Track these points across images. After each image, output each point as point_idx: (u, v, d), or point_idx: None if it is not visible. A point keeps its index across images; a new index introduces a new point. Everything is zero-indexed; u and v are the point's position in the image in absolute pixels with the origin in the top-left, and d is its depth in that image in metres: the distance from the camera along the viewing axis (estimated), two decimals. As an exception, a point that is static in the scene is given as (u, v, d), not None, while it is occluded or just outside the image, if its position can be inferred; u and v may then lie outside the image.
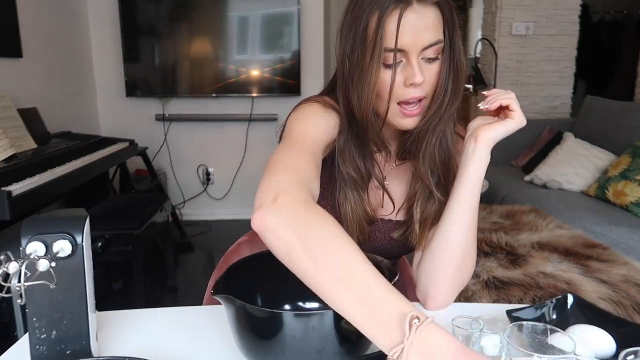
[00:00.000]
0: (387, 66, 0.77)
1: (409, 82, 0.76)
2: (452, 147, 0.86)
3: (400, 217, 0.92)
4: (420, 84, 0.76)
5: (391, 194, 0.90)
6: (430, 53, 0.76)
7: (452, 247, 0.80)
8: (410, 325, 0.50)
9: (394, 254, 0.98)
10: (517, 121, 0.76)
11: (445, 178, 0.86)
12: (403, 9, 0.73)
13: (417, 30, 0.74)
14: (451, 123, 0.84)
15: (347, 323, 0.59)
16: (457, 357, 0.49)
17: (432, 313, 0.84)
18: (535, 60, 3.64)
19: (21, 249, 0.61)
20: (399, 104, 0.79)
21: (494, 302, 1.39)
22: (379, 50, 0.75)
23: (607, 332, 0.67)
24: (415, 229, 0.89)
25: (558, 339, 0.57)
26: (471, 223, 0.80)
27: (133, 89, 3.50)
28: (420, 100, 0.79)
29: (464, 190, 0.78)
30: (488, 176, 3.07)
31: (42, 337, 0.64)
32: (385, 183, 0.90)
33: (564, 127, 3.20)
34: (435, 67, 0.78)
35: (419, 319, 0.51)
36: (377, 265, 0.70)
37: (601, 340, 0.65)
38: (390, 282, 0.65)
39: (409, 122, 0.81)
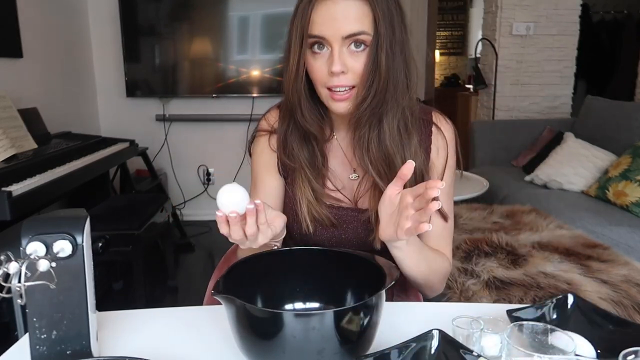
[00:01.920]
0: (312, 52, 0.82)
1: (329, 70, 0.80)
2: (393, 144, 0.86)
3: (362, 205, 0.95)
4: (338, 73, 0.80)
5: (364, 184, 0.94)
6: (354, 43, 0.79)
7: (414, 282, 0.91)
8: None
9: (383, 246, 0.98)
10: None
11: (388, 173, 0.88)
12: None
13: (335, 19, 0.78)
14: (390, 118, 0.85)
15: (347, 323, 0.59)
16: None
17: (435, 309, 0.85)
18: (535, 60, 3.63)
19: (21, 249, 0.61)
20: (328, 88, 0.83)
21: (494, 301, 1.39)
22: (301, 36, 0.81)
23: (606, 332, 0.67)
24: (371, 219, 0.91)
25: (558, 339, 0.57)
26: (411, 272, 0.87)
27: (133, 89, 3.50)
28: (352, 87, 0.82)
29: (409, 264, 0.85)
30: (489, 176, 3.06)
31: (42, 337, 0.64)
32: (356, 175, 0.94)
33: (564, 127, 3.20)
34: (361, 58, 0.81)
35: None
36: (376, 266, 0.71)
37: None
38: (390, 282, 0.65)
39: (339, 106, 0.84)
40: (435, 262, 0.91)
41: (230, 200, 0.70)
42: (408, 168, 0.72)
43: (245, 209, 0.70)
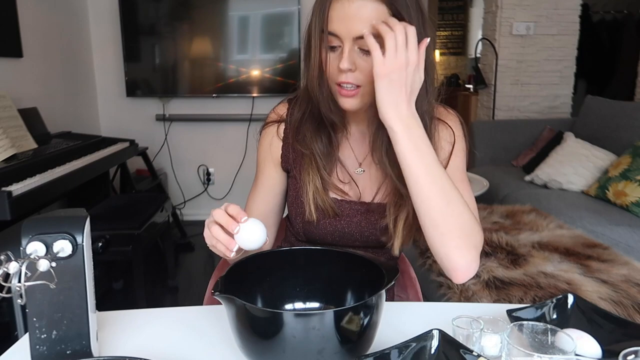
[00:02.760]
0: (328, 47, 0.83)
1: (338, 67, 0.81)
2: None
3: (366, 199, 0.95)
4: (346, 70, 0.81)
5: (369, 179, 0.94)
6: (365, 44, 0.78)
7: (426, 217, 0.79)
8: None
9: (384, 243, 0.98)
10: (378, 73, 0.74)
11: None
12: None
13: (348, 18, 0.78)
14: None
15: (347, 323, 0.59)
16: None
17: (435, 309, 0.84)
18: (535, 59, 3.64)
19: (21, 248, 0.61)
20: (337, 84, 0.84)
21: (494, 301, 1.39)
22: (317, 32, 0.82)
23: (606, 332, 0.67)
24: (389, 225, 0.90)
25: (558, 339, 0.57)
26: (431, 188, 0.77)
27: (133, 88, 3.50)
28: (358, 86, 0.83)
29: (405, 167, 0.78)
30: (489, 175, 3.04)
31: (42, 336, 0.64)
32: (362, 170, 0.95)
33: (564, 127, 3.20)
34: (370, 59, 0.79)
35: None
36: (377, 266, 0.71)
37: (586, 345, 0.65)
38: (390, 282, 0.65)
39: (346, 102, 0.85)
40: (454, 191, 0.79)
41: (250, 243, 0.70)
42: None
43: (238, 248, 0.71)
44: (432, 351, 0.62)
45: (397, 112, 0.76)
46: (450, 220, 0.78)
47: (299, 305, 0.78)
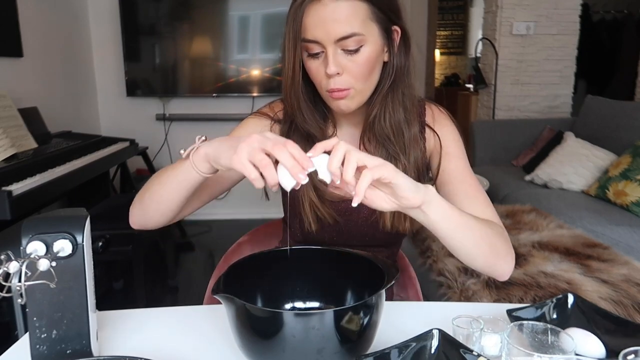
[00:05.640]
0: (309, 55, 0.82)
1: (326, 73, 0.80)
2: (398, 121, 0.88)
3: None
4: (334, 75, 0.80)
5: None
6: (348, 44, 0.78)
7: (468, 259, 0.79)
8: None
9: (384, 240, 0.98)
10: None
11: (398, 145, 0.89)
12: (309, 1, 0.77)
13: (325, 22, 0.77)
14: (397, 100, 0.86)
15: (347, 322, 0.59)
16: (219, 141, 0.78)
17: (435, 308, 0.84)
18: (535, 59, 3.63)
19: (21, 248, 0.61)
20: (327, 90, 0.83)
21: (494, 301, 1.39)
22: (295, 41, 0.81)
23: (606, 331, 0.67)
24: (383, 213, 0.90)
25: (558, 339, 0.57)
26: (466, 237, 0.76)
27: (133, 88, 3.50)
28: (349, 88, 0.82)
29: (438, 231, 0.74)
30: (489, 175, 3.03)
31: (42, 336, 0.64)
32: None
33: (565, 127, 3.20)
34: (358, 58, 0.80)
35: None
36: (377, 266, 0.71)
37: (589, 344, 0.65)
38: (390, 281, 0.65)
39: (339, 105, 0.84)
40: (478, 220, 0.80)
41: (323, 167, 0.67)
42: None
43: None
44: (432, 351, 0.62)
45: (420, 193, 0.68)
46: (493, 241, 0.80)
47: (298, 305, 0.78)
